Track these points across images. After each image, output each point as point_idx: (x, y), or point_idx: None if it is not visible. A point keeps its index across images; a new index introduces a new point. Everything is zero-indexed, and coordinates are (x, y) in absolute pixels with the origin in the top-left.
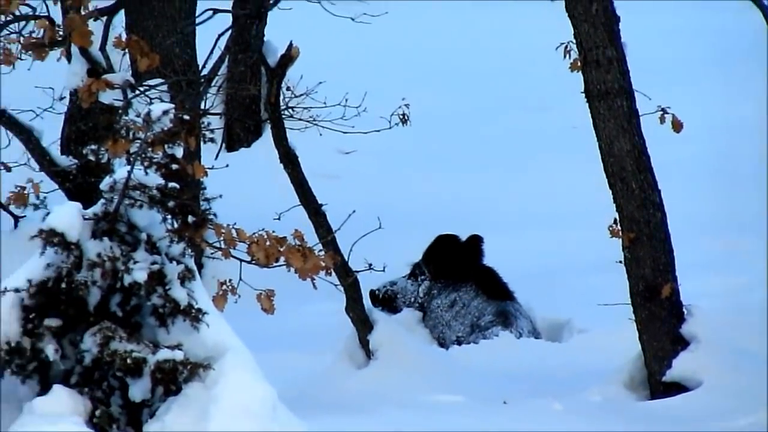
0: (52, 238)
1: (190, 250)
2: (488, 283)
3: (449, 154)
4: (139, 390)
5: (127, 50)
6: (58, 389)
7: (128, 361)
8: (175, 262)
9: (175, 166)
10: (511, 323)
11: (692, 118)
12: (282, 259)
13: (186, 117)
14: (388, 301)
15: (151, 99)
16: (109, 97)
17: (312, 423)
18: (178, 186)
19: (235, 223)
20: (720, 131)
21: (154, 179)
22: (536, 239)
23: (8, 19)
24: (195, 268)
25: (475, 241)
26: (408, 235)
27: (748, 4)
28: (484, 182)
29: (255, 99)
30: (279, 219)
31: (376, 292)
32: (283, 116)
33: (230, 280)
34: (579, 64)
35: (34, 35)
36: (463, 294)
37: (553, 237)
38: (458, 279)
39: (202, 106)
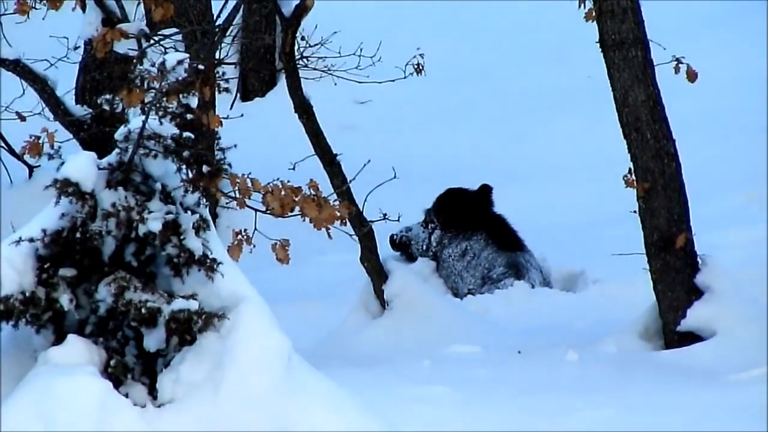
0: (66, 188)
1: (204, 200)
2: (499, 233)
3: (464, 105)
4: (153, 340)
5: (142, 0)
6: (72, 339)
7: (143, 311)
8: (189, 212)
9: (189, 116)
10: (523, 275)
11: (708, 69)
12: (297, 209)
13: (201, 67)
14: (404, 246)
15: (165, 49)
16: (123, 46)
17: (327, 374)
18: (192, 136)
19: (249, 173)
20: (736, 82)
21: (169, 129)
22: (551, 191)
23: None
24: (210, 218)
25: (485, 190)
26: (423, 186)
27: None
28: (500, 134)
29: (270, 49)
30: (294, 169)
31: (394, 237)
32: (298, 66)
33: (245, 230)
34: (594, 14)
35: None
36: (473, 243)
37: (569, 188)
38: (468, 228)
39: (217, 56)
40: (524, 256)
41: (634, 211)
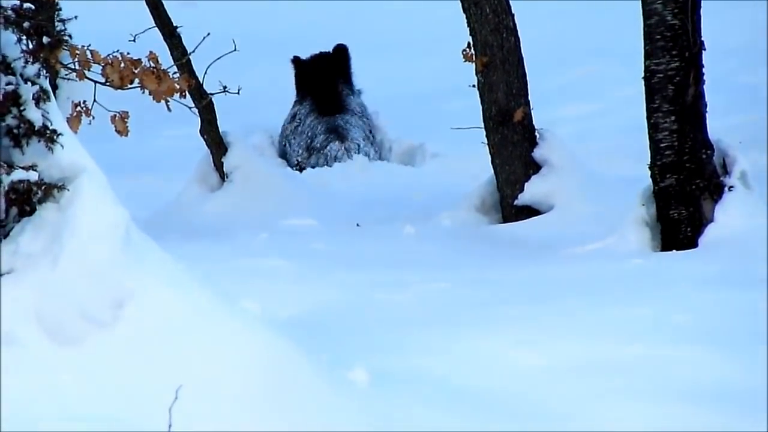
0: None
1: (45, 72)
2: (322, 97)
3: None
4: None
5: None
6: None
7: None
8: (29, 83)
9: None
10: (345, 137)
11: None
12: (137, 81)
13: None
14: None
15: None
16: None
17: (165, 246)
18: (33, 6)
19: (89, 45)
20: None
21: (9, 0)
22: (392, 64)
23: None
24: (50, 89)
25: (337, 51)
26: (264, 59)
27: None
28: (339, 7)
29: None
30: (134, 41)
31: None
32: None
33: (84, 102)
34: None
35: None
36: (302, 109)
37: (408, 62)
38: (302, 93)
39: None
40: (344, 118)
41: (473, 86)
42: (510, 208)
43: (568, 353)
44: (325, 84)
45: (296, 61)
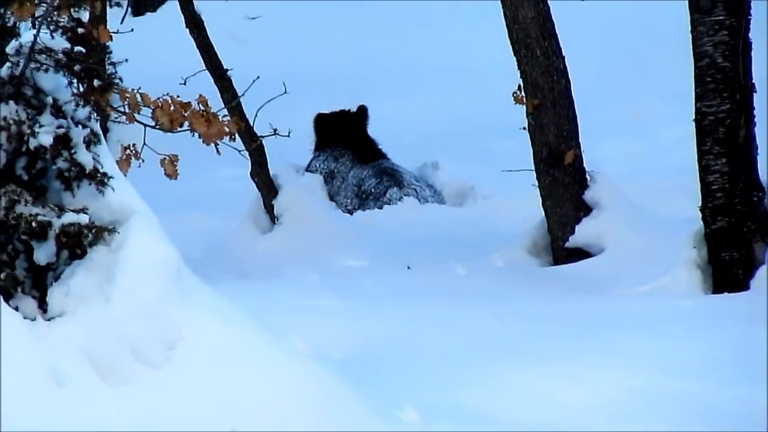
0: None
1: (95, 114)
2: (359, 149)
3: (355, 18)
4: (44, 253)
5: None
6: None
7: (33, 224)
8: (80, 126)
9: (81, 30)
10: (401, 182)
11: None
12: (186, 124)
13: None
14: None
15: None
16: None
17: (216, 286)
18: (84, 50)
19: (140, 88)
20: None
21: (60, 43)
22: (442, 104)
23: None
24: (100, 132)
25: (360, 111)
26: (314, 100)
27: None
28: (391, 46)
29: None
30: (185, 84)
31: None
32: None
33: (134, 145)
34: None
35: None
36: (340, 167)
37: (459, 102)
38: (335, 148)
39: None
40: (387, 162)
41: (524, 128)
42: (561, 250)
43: (617, 389)
44: (358, 135)
45: (321, 117)
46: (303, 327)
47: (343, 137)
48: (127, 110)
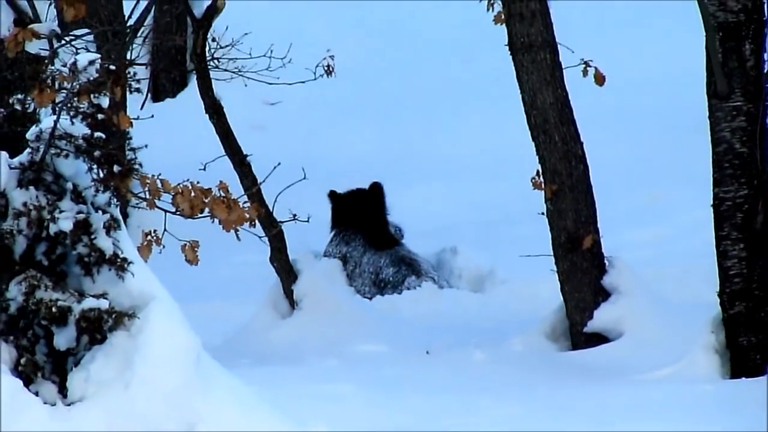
0: None
1: (115, 200)
2: (372, 233)
3: (374, 105)
4: (64, 338)
5: (53, 0)
6: None
7: (53, 309)
8: (100, 212)
9: (101, 116)
10: (419, 270)
11: (615, 70)
12: (207, 210)
13: (112, 67)
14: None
15: (77, 49)
16: (35, 46)
17: (236, 372)
18: (104, 136)
19: (160, 174)
20: (642, 83)
21: (81, 129)
22: (459, 190)
23: None
24: (120, 217)
25: (373, 189)
26: (333, 186)
27: None
28: (409, 133)
29: (181, 50)
30: (204, 169)
31: None
32: (209, 67)
33: (154, 231)
34: (503, 17)
35: None
36: (352, 251)
37: (477, 188)
38: (346, 230)
39: (128, 57)
40: (404, 249)
41: (543, 213)
42: (579, 335)
43: None
44: (371, 219)
45: (333, 195)
46: (321, 414)
47: (358, 217)
48: (147, 196)
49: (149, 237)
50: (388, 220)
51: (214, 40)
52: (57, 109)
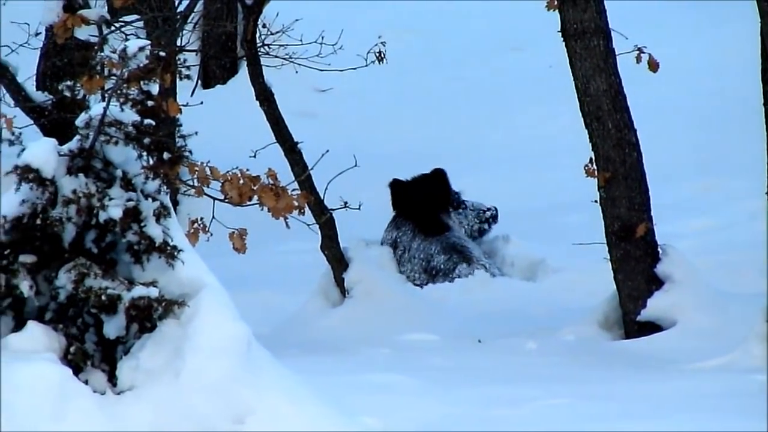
0: (27, 174)
1: (165, 187)
2: (421, 219)
3: (425, 93)
4: (113, 327)
5: None
6: (32, 326)
7: (103, 297)
8: (150, 199)
9: (150, 103)
10: (470, 258)
11: (669, 57)
12: (255, 198)
13: (162, 54)
14: None
15: (126, 35)
16: (84, 33)
17: (286, 361)
18: (153, 123)
19: (209, 161)
20: (697, 70)
21: (130, 116)
22: (511, 178)
23: None
24: (170, 205)
25: (435, 174)
26: (384, 174)
27: None
28: (460, 122)
29: (231, 36)
30: (255, 157)
31: None
32: (260, 54)
33: (201, 219)
34: (555, 3)
35: None
36: (402, 236)
37: (529, 176)
38: (401, 216)
39: (178, 43)
40: (454, 235)
41: (596, 201)
42: (632, 323)
43: None
44: (423, 206)
45: (395, 183)
46: (372, 404)
47: (413, 202)
48: (196, 184)
49: (197, 225)
50: (456, 204)
51: (264, 26)
52: (106, 95)
